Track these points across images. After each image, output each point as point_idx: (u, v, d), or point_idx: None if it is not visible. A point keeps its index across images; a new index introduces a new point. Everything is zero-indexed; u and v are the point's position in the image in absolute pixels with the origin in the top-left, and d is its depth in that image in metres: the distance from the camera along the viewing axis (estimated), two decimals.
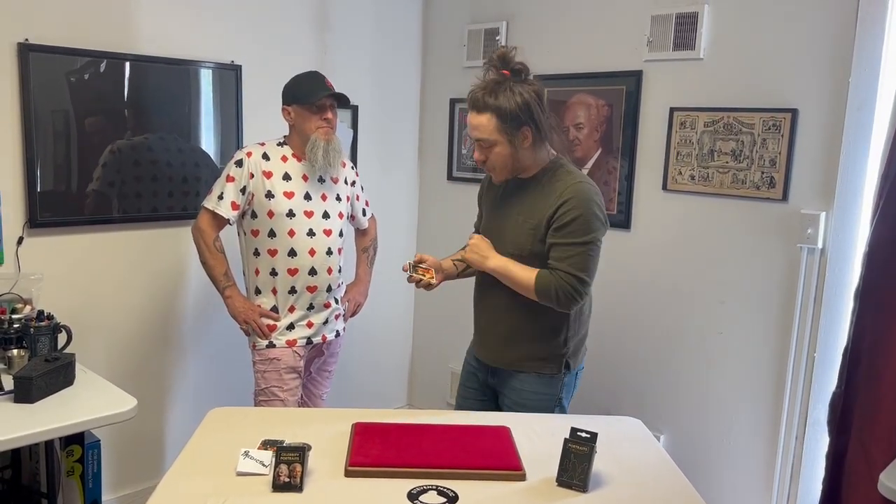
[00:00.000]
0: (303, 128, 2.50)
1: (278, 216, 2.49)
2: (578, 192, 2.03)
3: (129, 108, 2.76)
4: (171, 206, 2.91)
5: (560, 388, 2.20)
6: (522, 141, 2.04)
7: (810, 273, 2.53)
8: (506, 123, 2.01)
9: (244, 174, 2.48)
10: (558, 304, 2.03)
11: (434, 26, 3.74)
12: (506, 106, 2.00)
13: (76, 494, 2.46)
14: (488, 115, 2.02)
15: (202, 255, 2.53)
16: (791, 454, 2.62)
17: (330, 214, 2.60)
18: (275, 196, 2.49)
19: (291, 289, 2.54)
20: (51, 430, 1.95)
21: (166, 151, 2.87)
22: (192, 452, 1.81)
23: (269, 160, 2.51)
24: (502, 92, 2.00)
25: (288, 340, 2.56)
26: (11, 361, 2.29)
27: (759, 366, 2.68)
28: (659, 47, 2.85)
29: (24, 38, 2.48)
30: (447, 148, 3.72)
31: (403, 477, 1.68)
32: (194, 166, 2.97)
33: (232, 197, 2.47)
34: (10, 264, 2.54)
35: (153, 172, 2.85)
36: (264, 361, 2.55)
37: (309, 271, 2.55)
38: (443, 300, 3.80)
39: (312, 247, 2.54)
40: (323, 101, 2.49)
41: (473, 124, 2.06)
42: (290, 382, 2.56)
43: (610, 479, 1.74)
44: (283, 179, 2.51)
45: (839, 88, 2.42)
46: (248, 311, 2.53)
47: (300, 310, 2.57)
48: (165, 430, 3.07)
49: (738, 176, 2.67)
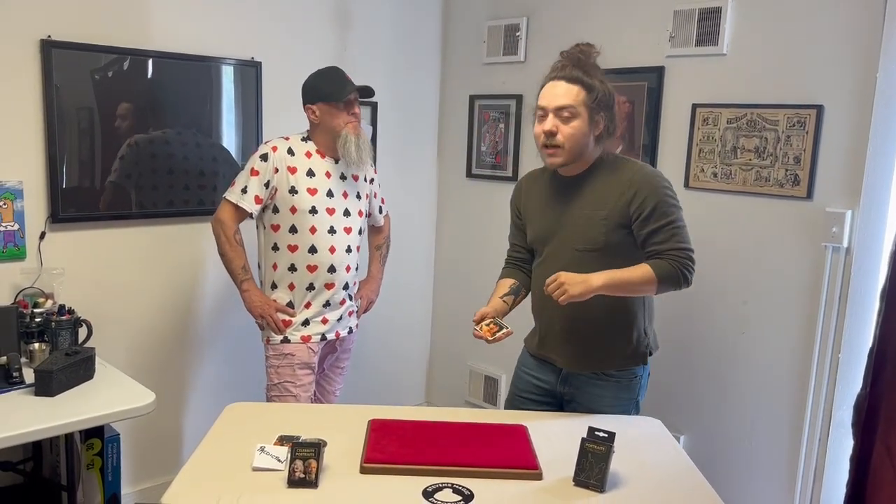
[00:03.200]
0: (331, 125, 2.49)
1: (301, 212, 2.48)
2: (645, 177, 2.04)
3: (150, 104, 2.77)
4: (188, 201, 2.92)
5: (638, 391, 2.17)
6: (595, 127, 2.03)
7: (835, 272, 2.48)
8: (592, 102, 2.00)
9: (269, 168, 2.47)
10: (681, 284, 2.00)
11: (454, 22, 3.73)
12: (597, 86, 2.00)
13: (96, 487, 2.48)
14: (578, 87, 1.99)
15: (221, 247, 2.52)
16: (814, 456, 2.58)
17: (351, 212, 2.59)
18: (298, 192, 2.48)
19: (310, 285, 2.54)
20: (70, 423, 1.97)
21: (184, 146, 2.89)
22: (209, 447, 1.82)
23: (293, 155, 2.51)
24: (594, 73, 2.02)
25: (303, 336, 2.55)
26: (33, 355, 2.31)
27: (783, 366, 2.64)
28: (681, 43, 2.81)
29: (47, 34, 2.51)
30: (466, 145, 3.71)
31: (419, 475, 1.68)
32: (213, 161, 2.98)
33: (256, 191, 2.47)
34: (33, 259, 2.57)
35: (172, 167, 2.86)
36: (278, 356, 2.54)
37: (328, 268, 2.54)
38: (462, 297, 3.79)
39: (333, 244, 2.53)
40: (350, 97, 2.49)
41: (557, 92, 2.00)
42: (304, 378, 2.55)
43: (627, 480, 1.72)
44: (308, 176, 2.50)
45: (866, 83, 2.37)
46: (265, 306, 2.52)
47: (316, 306, 2.56)
48: (184, 425, 3.09)
49: (761, 173, 2.62)
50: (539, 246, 2.20)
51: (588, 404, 2.14)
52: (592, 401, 2.14)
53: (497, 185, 3.55)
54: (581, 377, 2.14)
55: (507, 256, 2.37)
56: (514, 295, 2.23)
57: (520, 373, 2.29)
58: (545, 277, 2.13)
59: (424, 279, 3.94)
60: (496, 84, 3.54)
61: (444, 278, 3.93)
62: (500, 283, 2.29)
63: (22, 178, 2.52)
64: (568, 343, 2.14)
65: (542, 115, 2.05)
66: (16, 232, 2.52)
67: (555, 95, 2.01)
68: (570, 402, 2.18)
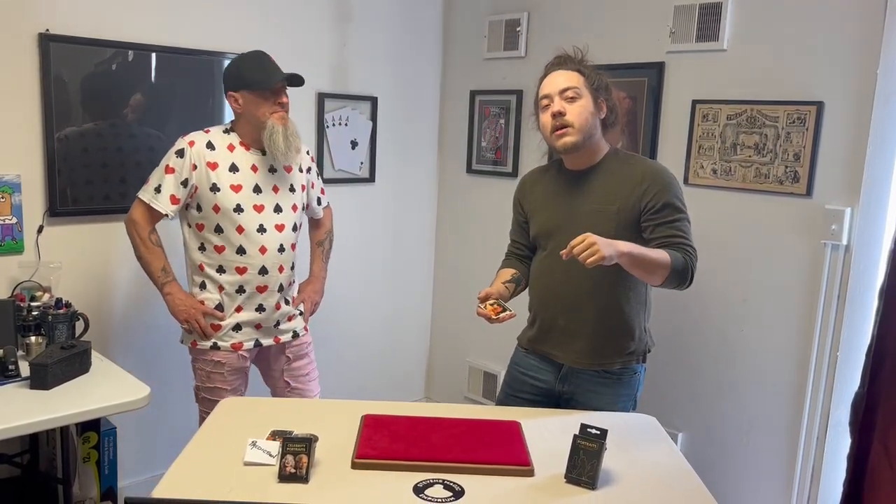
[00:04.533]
0: (255, 114, 2.30)
1: (225, 211, 2.30)
2: (657, 172, 2.08)
3: (149, 99, 2.77)
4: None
5: (637, 387, 2.17)
6: (599, 109, 2.08)
7: (834, 270, 2.46)
8: (592, 84, 2.07)
9: (186, 165, 2.29)
10: (686, 281, 2.01)
11: (455, 17, 3.72)
12: (593, 74, 2.08)
13: (92, 481, 2.49)
14: (577, 73, 2.07)
15: (137, 250, 2.36)
16: (812, 455, 2.57)
17: (282, 208, 2.40)
18: (221, 189, 2.30)
19: (240, 288, 2.36)
20: (64, 416, 1.97)
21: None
22: (202, 441, 1.82)
23: (214, 150, 2.32)
24: (587, 64, 2.11)
25: (234, 344, 2.39)
26: (29, 348, 2.32)
27: (781, 364, 2.63)
28: (682, 38, 2.79)
29: (46, 28, 2.51)
30: (467, 141, 3.70)
31: (410, 470, 1.67)
32: None
33: (171, 190, 2.29)
34: (31, 252, 2.57)
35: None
36: (209, 362, 2.41)
37: (259, 270, 2.36)
38: (461, 293, 3.78)
39: (263, 244, 2.35)
40: (277, 85, 2.31)
41: (558, 80, 2.07)
42: (236, 382, 2.45)
43: (620, 477, 1.71)
44: (230, 171, 2.32)
45: (866, 80, 2.35)
46: (191, 310, 2.35)
47: (248, 310, 2.39)
48: (182, 419, 3.08)
49: (761, 170, 2.61)
50: (543, 241, 2.18)
51: (588, 402, 2.13)
52: (592, 399, 2.12)
53: (497, 180, 3.54)
54: (582, 375, 2.13)
55: (508, 251, 2.37)
56: (515, 283, 2.22)
57: (514, 373, 2.26)
58: (549, 271, 2.14)
59: (424, 275, 3.94)
60: (497, 79, 3.53)
61: (444, 274, 3.92)
62: (502, 271, 2.28)
63: (20, 171, 2.53)
64: (571, 338, 2.12)
65: (547, 102, 2.07)
66: (13, 225, 2.52)
67: (556, 82, 2.07)
68: (568, 400, 2.17)
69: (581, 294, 2.08)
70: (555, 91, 2.05)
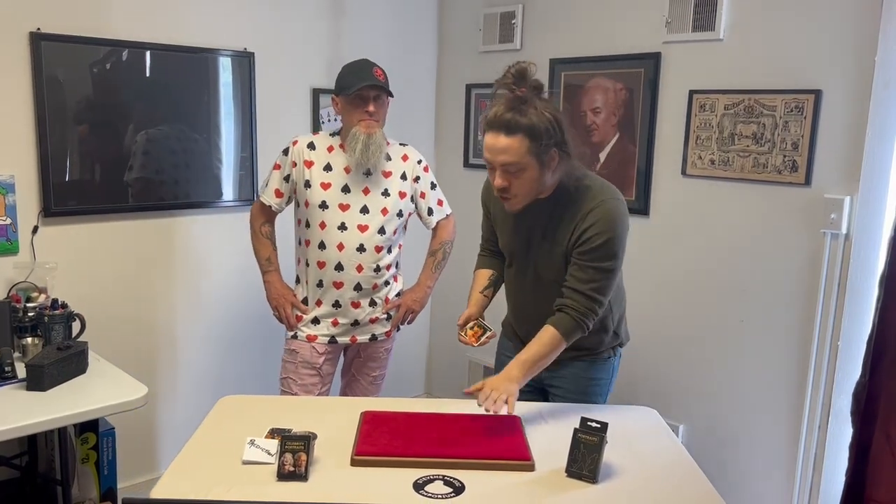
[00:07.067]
0: (347, 119, 2.41)
1: (312, 206, 2.43)
2: (607, 212, 1.91)
3: (143, 97, 2.76)
4: (177, 195, 2.91)
5: (612, 372, 2.17)
6: (550, 162, 1.87)
7: (834, 259, 2.45)
8: (538, 144, 1.83)
9: (288, 162, 2.46)
10: (584, 333, 1.96)
11: (450, 10, 3.70)
12: (538, 124, 1.81)
13: (91, 481, 2.48)
14: (520, 136, 1.81)
15: (251, 239, 2.56)
16: (813, 445, 2.56)
17: (370, 209, 2.45)
18: (311, 186, 2.43)
19: (319, 282, 2.48)
20: (61, 417, 1.96)
21: (178, 140, 2.87)
22: (200, 440, 1.81)
23: (314, 149, 2.46)
24: (529, 109, 1.82)
25: (309, 335, 2.51)
26: (26, 349, 2.31)
27: (781, 354, 2.62)
28: (678, 28, 2.78)
29: (37, 27, 2.49)
30: (463, 135, 3.68)
31: (410, 466, 1.66)
32: (205, 155, 2.97)
33: (276, 185, 2.48)
34: (26, 253, 2.55)
35: (168, 161, 2.85)
36: (287, 351, 2.55)
37: (335, 266, 2.45)
38: (461, 288, 3.77)
39: (342, 241, 2.43)
40: (363, 93, 2.35)
41: (499, 147, 1.84)
42: (307, 378, 2.51)
43: (621, 470, 1.70)
44: (324, 170, 2.44)
45: (865, 68, 2.33)
46: (280, 299, 2.51)
47: (326, 305, 2.49)
48: (181, 419, 3.08)
49: (759, 160, 2.59)
50: (507, 256, 2.18)
51: (568, 386, 2.14)
52: (571, 382, 2.13)
53: None
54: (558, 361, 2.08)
55: (481, 247, 2.33)
56: (493, 287, 2.22)
57: (503, 359, 2.28)
58: (517, 290, 2.17)
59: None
60: (492, 72, 3.50)
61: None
62: (479, 273, 2.27)
63: (13, 172, 2.51)
64: None
65: (491, 167, 1.91)
66: (8, 226, 2.51)
67: (496, 151, 1.85)
68: (551, 387, 2.18)
69: (549, 313, 2.00)
70: (496, 162, 1.87)
